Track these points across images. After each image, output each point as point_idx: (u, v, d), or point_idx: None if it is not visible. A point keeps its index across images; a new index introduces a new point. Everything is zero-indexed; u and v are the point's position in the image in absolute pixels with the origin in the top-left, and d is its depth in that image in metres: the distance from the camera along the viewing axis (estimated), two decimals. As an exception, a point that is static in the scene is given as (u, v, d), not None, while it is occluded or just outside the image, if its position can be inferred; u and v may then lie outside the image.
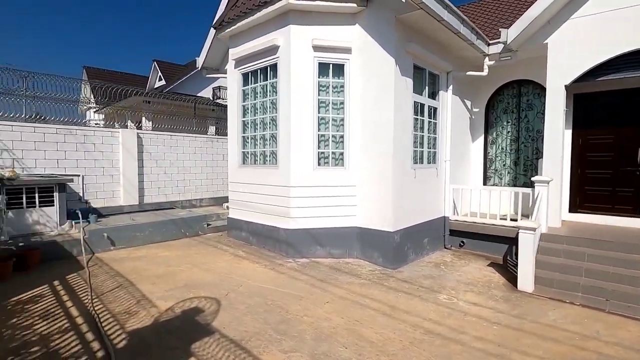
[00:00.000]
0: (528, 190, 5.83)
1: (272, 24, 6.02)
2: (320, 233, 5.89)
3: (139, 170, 8.01)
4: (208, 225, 7.61)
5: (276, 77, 6.05)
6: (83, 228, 6.00)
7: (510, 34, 5.97)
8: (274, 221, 6.12)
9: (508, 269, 5.48)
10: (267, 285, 4.56)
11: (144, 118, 12.66)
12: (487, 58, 6.66)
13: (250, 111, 6.73)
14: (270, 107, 6.30)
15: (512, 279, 4.97)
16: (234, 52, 6.89)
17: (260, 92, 6.51)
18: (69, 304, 3.88)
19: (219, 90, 20.42)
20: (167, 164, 8.55)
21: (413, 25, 5.50)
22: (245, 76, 6.82)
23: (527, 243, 4.68)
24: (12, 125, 6.38)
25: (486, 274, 5.27)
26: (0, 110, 6.48)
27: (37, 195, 5.95)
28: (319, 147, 5.93)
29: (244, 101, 6.88)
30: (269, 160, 6.36)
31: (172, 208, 8.48)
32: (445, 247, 6.69)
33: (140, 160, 8.03)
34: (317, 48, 5.74)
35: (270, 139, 6.33)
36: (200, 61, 8.41)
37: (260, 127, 6.53)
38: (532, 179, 5.56)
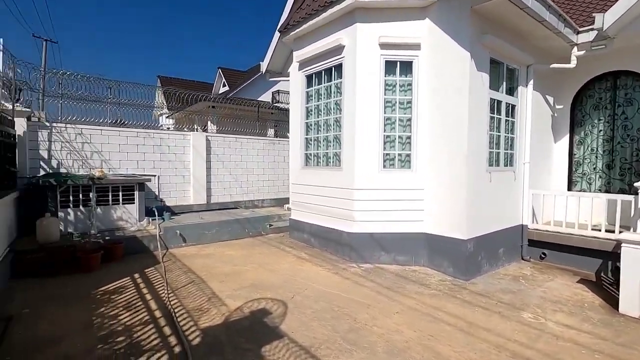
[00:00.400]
0: (629, 197, 5.05)
1: (337, 23, 5.94)
2: (384, 238, 5.66)
3: (207, 171, 8.42)
4: (270, 225, 7.75)
5: (341, 78, 5.95)
6: (159, 225, 6.42)
7: (607, 19, 5.23)
8: (336, 224, 6.02)
9: (603, 288, 4.78)
10: (331, 290, 4.45)
11: (209, 122, 13.40)
12: (575, 48, 5.92)
13: (314, 113, 6.71)
14: (334, 108, 6.22)
15: (610, 299, 4.31)
16: (298, 55, 6.93)
17: (324, 94, 6.46)
18: (148, 296, 4.11)
19: (278, 94, 21.04)
20: (232, 165, 8.89)
21: (489, 16, 5.05)
22: (309, 78, 6.82)
23: (633, 259, 4.02)
24: (101, 130, 7.06)
25: (576, 291, 4.65)
26: (92, 116, 7.21)
27: (120, 193, 6.50)
28: (384, 149, 5.71)
29: (307, 103, 6.89)
30: (332, 162, 6.27)
31: (236, 208, 8.79)
32: (523, 259, 6.06)
33: (208, 161, 8.44)
34: (384, 46, 5.54)
35: (333, 141, 6.24)
36: (264, 65, 8.62)
37: (323, 129, 6.48)
38: (636, 184, 4.80)
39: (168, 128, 10.83)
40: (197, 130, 12.61)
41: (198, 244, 6.65)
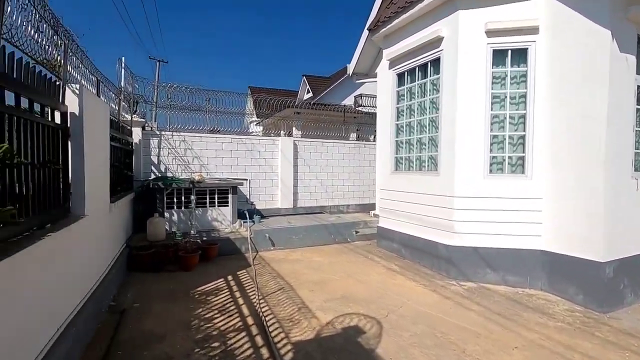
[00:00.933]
0: None
1: (434, 14, 5.40)
2: (491, 253, 4.91)
3: (294, 175, 8.49)
4: (357, 232, 7.45)
5: (438, 73, 5.38)
6: (250, 228, 6.60)
7: None
8: (432, 235, 5.44)
9: None
10: (430, 311, 3.94)
11: (294, 127, 13.73)
12: None
13: (405, 113, 6.23)
14: (429, 107, 5.67)
15: None
16: (389, 52, 6.53)
17: (417, 92, 5.95)
18: (240, 301, 4.12)
19: (361, 98, 20.75)
20: (318, 170, 8.84)
21: (640, -18, 4.02)
22: (400, 76, 6.37)
23: None
24: (201, 137, 7.59)
25: None
26: (192, 124, 7.81)
27: (216, 196, 6.86)
28: (490, 151, 4.98)
29: (397, 103, 6.44)
30: (427, 167, 5.71)
31: (322, 213, 8.70)
32: (683, 290, 4.70)
33: (295, 165, 8.52)
34: (491, 33, 4.83)
35: (429, 143, 5.69)
36: (351, 67, 8.41)
37: (416, 130, 5.96)
38: None
39: (256, 134, 11.35)
40: (282, 136, 12.98)
41: (285, 248, 6.66)
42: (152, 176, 7.16)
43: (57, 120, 3.01)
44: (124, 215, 5.64)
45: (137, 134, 6.87)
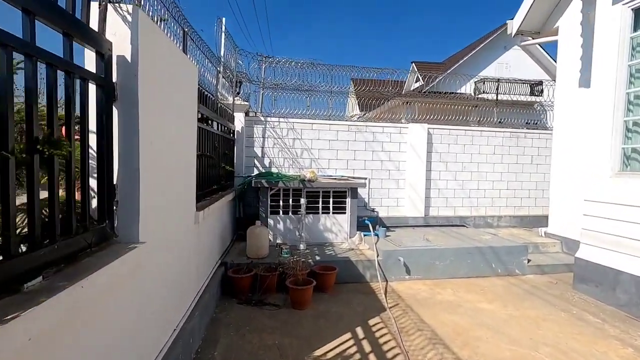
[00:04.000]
0: None
1: None
2: None
3: (426, 174, 6.43)
4: (528, 261, 5.04)
5: None
6: (376, 246, 4.81)
7: None
8: None
9: None
10: None
11: (403, 119, 11.50)
12: None
13: (654, 73, 3.63)
14: None
15: None
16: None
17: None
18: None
19: (483, 84, 17.54)
20: (457, 168, 6.60)
21: None
22: (641, 12, 3.78)
23: None
24: (312, 123, 6.09)
25: None
26: (299, 108, 6.34)
27: (331, 200, 5.24)
28: None
29: (633, 58, 3.86)
30: None
31: (463, 226, 6.45)
32: None
33: (428, 162, 6.44)
34: None
35: None
36: (516, 22, 5.97)
37: (686, 100, 3.34)
38: None
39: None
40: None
41: (426, 278, 4.68)
42: (255, 172, 5.92)
43: (92, 66, 1.61)
44: (221, 222, 4.39)
45: (239, 121, 5.68)
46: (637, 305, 3.66)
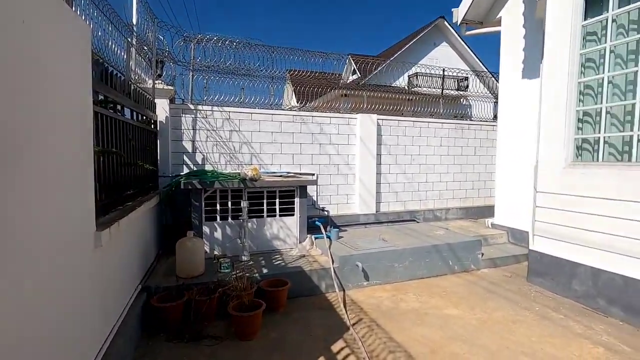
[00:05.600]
0: None
1: None
2: None
3: (376, 168, 6.07)
4: (482, 255, 4.93)
5: None
6: (330, 251, 4.28)
7: None
8: (701, 287, 2.84)
9: None
10: None
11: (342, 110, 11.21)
12: None
13: (607, 63, 3.58)
14: (687, 43, 3.00)
15: None
16: (569, -40, 3.85)
17: (645, 19, 3.28)
18: None
19: (416, 78, 18.09)
20: (407, 161, 6.37)
21: None
22: (593, 0, 3.71)
23: None
24: (251, 113, 5.32)
25: None
26: (234, 95, 5.52)
27: (277, 200, 4.58)
28: None
29: (584, 47, 3.80)
30: (677, 155, 3.08)
31: (414, 220, 6.25)
32: None
33: (378, 155, 6.09)
34: None
35: (681, 110, 3.05)
36: (461, 11, 5.82)
37: (638, 90, 3.31)
38: None
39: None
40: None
41: (386, 283, 4.29)
42: (185, 170, 5.01)
43: None
44: (141, 235, 3.49)
45: (162, 109, 4.71)
46: (593, 297, 3.64)
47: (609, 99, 3.57)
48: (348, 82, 23.78)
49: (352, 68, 24.12)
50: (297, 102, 12.35)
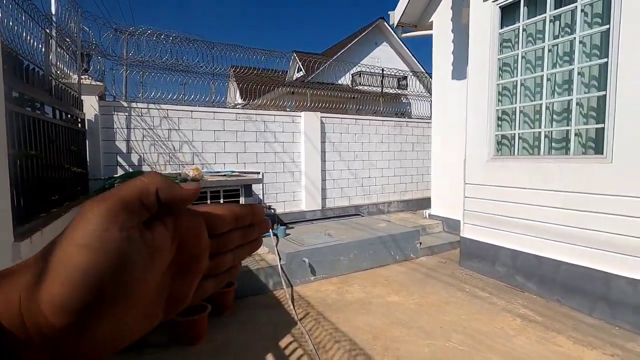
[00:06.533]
0: None
1: None
2: None
3: (322, 165, 6.21)
4: (420, 244, 5.29)
5: (607, -10, 3.20)
6: (276, 248, 4.30)
7: None
8: (594, 261, 3.34)
9: None
10: None
11: (288, 108, 11.29)
12: None
13: (520, 67, 4.02)
14: (580, 53, 3.48)
15: None
16: (488, -27, 4.25)
17: (549, 31, 3.73)
18: None
19: (360, 77, 18.65)
20: (351, 157, 6.59)
21: None
22: (508, 10, 4.13)
23: None
24: (192, 111, 5.14)
25: None
26: (173, 92, 5.30)
27: (222, 201, 4.49)
28: None
29: (502, 53, 4.22)
30: (575, 149, 3.56)
31: (359, 215, 6.49)
32: None
33: (323, 152, 6.22)
34: None
35: (577, 110, 3.53)
36: (397, 14, 6.12)
37: (547, 92, 3.78)
38: None
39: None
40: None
41: (332, 276, 4.43)
42: (120, 172, 4.70)
43: None
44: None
45: (91, 106, 4.37)
46: (512, 275, 4.10)
47: (522, 99, 4.02)
48: (294, 79, 23.83)
49: (298, 65, 24.18)
50: (242, 100, 12.13)
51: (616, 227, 3.16)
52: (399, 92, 16.82)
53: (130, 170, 4.77)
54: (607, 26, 3.20)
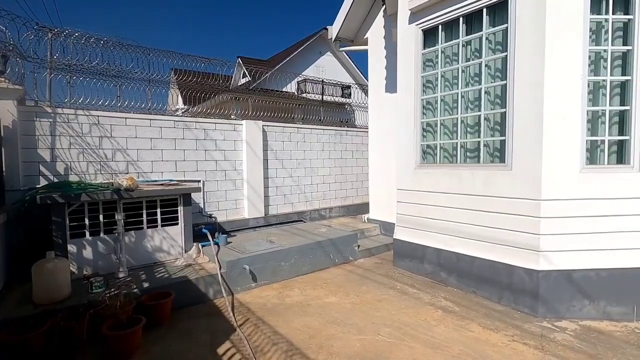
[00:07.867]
0: None
1: None
2: (589, 278, 3.50)
3: (264, 173, 6.30)
4: (358, 247, 5.59)
5: (504, 22, 3.74)
6: (217, 256, 4.31)
7: None
8: (500, 255, 3.85)
9: None
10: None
11: (232, 116, 11.22)
12: None
13: (439, 85, 4.50)
14: (486, 74, 4.01)
15: None
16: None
17: (462, 54, 4.24)
18: None
19: (305, 84, 19.02)
20: (293, 165, 6.76)
21: None
22: (429, 33, 4.61)
23: None
24: (125, 118, 4.95)
25: None
26: (107, 97, 5.07)
27: (159, 210, 4.40)
28: (587, 133, 3.53)
29: (424, 71, 4.68)
30: (484, 158, 4.08)
31: (301, 221, 6.67)
32: None
33: (265, 160, 6.32)
34: (597, -40, 3.32)
35: (485, 124, 4.05)
36: (334, 29, 6.47)
37: (461, 107, 4.28)
38: None
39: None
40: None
41: (273, 282, 4.53)
42: (43, 182, 4.39)
43: None
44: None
45: (8, 112, 4.04)
46: (437, 272, 4.53)
47: (442, 113, 4.50)
48: (239, 84, 23.53)
49: (243, 71, 23.93)
50: (185, 105, 11.72)
51: (514, 224, 3.69)
52: (342, 100, 17.42)
53: (55, 180, 4.46)
54: (504, 53, 3.75)
